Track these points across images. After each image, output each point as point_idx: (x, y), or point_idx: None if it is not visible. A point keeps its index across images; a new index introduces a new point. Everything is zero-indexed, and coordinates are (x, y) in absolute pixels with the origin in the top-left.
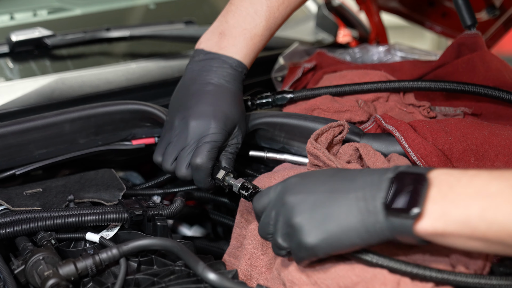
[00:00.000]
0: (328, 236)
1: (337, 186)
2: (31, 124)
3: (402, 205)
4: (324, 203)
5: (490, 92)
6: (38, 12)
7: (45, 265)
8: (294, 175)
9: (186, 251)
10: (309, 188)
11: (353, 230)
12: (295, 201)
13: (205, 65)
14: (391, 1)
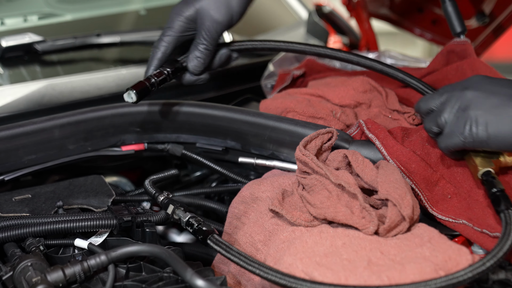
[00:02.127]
0: (498, 132)
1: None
2: (20, 130)
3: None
4: (501, 105)
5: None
6: (28, 17)
7: (33, 271)
8: (478, 75)
9: (175, 257)
10: (491, 88)
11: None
12: (475, 96)
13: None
14: (381, 8)
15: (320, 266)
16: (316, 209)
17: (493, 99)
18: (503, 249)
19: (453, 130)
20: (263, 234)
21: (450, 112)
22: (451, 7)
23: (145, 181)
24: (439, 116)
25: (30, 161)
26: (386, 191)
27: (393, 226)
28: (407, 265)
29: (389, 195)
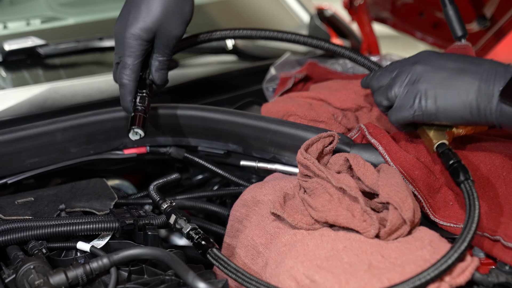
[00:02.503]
0: (446, 105)
1: (465, 66)
2: (23, 133)
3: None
4: (450, 78)
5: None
6: (31, 21)
7: (35, 274)
8: (426, 50)
9: (177, 260)
10: (439, 63)
11: (468, 105)
12: (424, 70)
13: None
14: (382, 12)
15: (321, 269)
16: (317, 212)
17: (442, 73)
18: (474, 220)
19: (403, 103)
20: (265, 237)
21: (400, 86)
22: (452, 11)
23: (149, 186)
24: (389, 90)
25: (33, 164)
26: (387, 194)
27: (394, 229)
28: (407, 268)
29: (390, 199)
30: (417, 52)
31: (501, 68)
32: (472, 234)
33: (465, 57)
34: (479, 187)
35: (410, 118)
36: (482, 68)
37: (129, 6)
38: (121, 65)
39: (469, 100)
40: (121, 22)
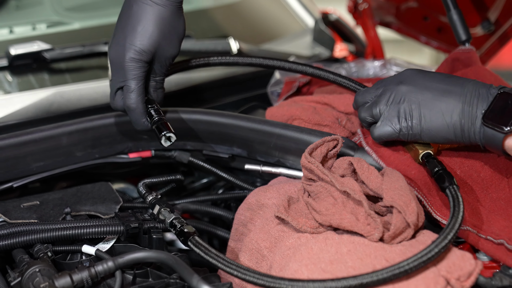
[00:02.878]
0: (430, 126)
1: (449, 87)
2: (28, 137)
3: (498, 120)
4: (434, 99)
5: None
6: (37, 26)
7: (41, 277)
8: (411, 68)
9: (181, 263)
10: (424, 83)
11: (452, 127)
12: (409, 90)
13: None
14: (387, 16)
15: (325, 273)
16: (321, 216)
17: (426, 93)
18: (458, 219)
19: (388, 121)
20: (269, 240)
21: (385, 104)
22: (456, 15)
23: (139, 182)
24: (374, 107)
25: (38, 168)
26: (391, 198)
27: (398, 233)
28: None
29: (394, 202)
30: (402, 71)
31: (483, 90)
32: (454, 233)
33: (449, 77)
34: (481, 189)
35: (394, 136)
36: (465, 90)
37: (123, 30)
38: (126, 89)
39: (452, 122)
40: (117, 47)
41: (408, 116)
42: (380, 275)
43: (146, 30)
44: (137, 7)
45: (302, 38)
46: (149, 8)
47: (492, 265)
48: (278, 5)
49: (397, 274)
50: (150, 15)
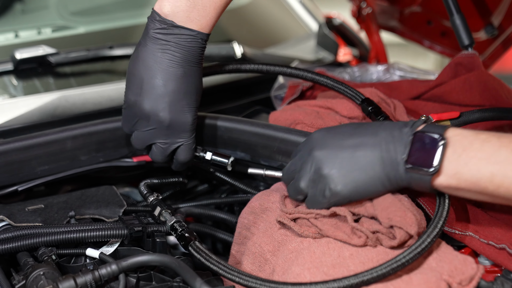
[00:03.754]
0: (356, 185)
1: (362, 140)
2: (33, 141)
3: (420, 163)
4: (351, 157)
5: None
6: (42, 30)
7: (45, 280)
8: (318, 130)
9: (184, 267)
10: (335, 143)
11: (377, 179)
12: (324, 155)
13: (169, 43)
14: (390, 20)
15: (328, 277)
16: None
17: (342, 153)
18: (445, 207)
19: (315, 195)
20: (272, 244)
21: (306, 178)
22: (459, 20)
23: (140, 182)
24: (298, 184)
25: (43, 172)
26: (387, 219)
27: (402, 242)
28: (413, 276)
29: (391, 222)
30: (311, 134)
31: (396, 132)
32: (443, 221)
33: (359, 127)
34: None
35: (326, 207)
36: (379, 138)
37: (177, 93)
38: (186, 146)
39: (377, 175)
40: (175, 111)
41: (332, 182)
42: (379, 270)
43: (199, 89)
44: (186, 70)
45: (306, 42)
46: (196, 68)
47: (493, 270)
48: (282, 9)
49: (395, 268)
50: (199, 75)
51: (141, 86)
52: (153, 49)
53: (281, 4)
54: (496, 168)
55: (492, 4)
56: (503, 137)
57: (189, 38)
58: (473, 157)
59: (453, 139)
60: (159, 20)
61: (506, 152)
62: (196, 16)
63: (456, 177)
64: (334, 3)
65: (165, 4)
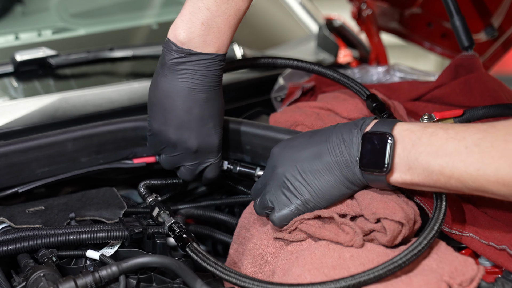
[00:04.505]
0: (321, 192)
1: (317, 148)
2: (34, 143)
3: (373, 164)
4: (310, 166)
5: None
6: (42, 32)
7: (45, 282)
8: (277, 145)
9: (185, 268)
10: (293, 157)
11: (339, 183)
12: (285, 170)
13: (188, 70)
14: (391, 22)
15: (328, 278)
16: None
17: (301, 165)
18: (442, 209)
19: (282, 206)
20: (273, 247)
21: (272, 192)
22: (459, 22)
23: (139, 183)
24: (263, 200)
25: (44, 174)
26: (372, 214)
27: (396, 234)
28: (414, 277)
29: (375, 214)
30: (271, 151)
31: (346, 135)
32: (439, 223)
33: (313, 136)
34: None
35: (295, 216)
36: (331, 144)
37: (201, 120)
38: (214, 165)
39: (338, 179)
40: (202, 135)
41: (297, 193)
42: (376, 271)
43: (222, 109)
44: (208, 95)
45: (306, 43)
46: (217, 90)
47: (494, 271)
48: (282, 11)
49: (392, 269)
50: (220, 95)
51: (164, 115)
52: (173, 79)
53: (281, 5)
54: (445, 160)
55: (492, 5)
56: (450, 129)
57: (208, 63)
58: (422, 152)
59: (401, 135)
60: (175, 49)
61: (453, 144)
62: (212, 39)
63: (410, 172)
64: (334, 5)
65: (179, 32)
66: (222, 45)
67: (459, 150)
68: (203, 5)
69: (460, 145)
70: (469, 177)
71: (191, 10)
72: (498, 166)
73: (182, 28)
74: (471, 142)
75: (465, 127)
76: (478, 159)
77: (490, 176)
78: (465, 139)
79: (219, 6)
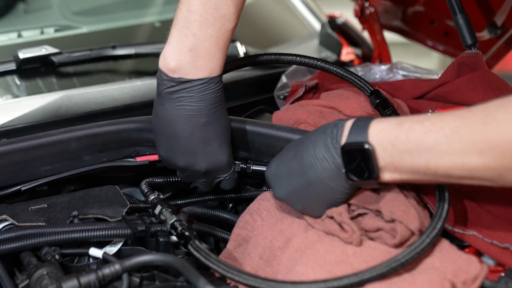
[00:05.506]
0: (324, 204)
1: (303, 165)
2: (37, 141)
3: (358, 175)
4: (306, 187)
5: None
6: (45, 30)
7: (49, 280)
8: (269, 168)
9: (188, 267)
10: (287, 180)
11: (336, 190)
12: (284, 196)
13: (183, 97)
14: (393, 20)
15: (332, 275)
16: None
17: (296, 188)
18: (445, 208)
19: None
20: (281, 240)
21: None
22: (462, 20)
23: (142, 181)
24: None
25: (46, 172)
26: (389, 212)
27: (404, 240)
28: (417, 276)
29: (393, 215)
30: (266, 174)
31: (323, 151)
32: (442, 222)
33: (297, 152)
34: (487, 193)
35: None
36: (315, 159)
37: (208, 141)
38: (229, 178)
39: (333, 188)
40: (212, 155)
41: (306, 212)
42: (379, 269)
43: (227, 126)
44: (208, 119)
45: (308, 41)
46: (218, 111)
47: (497, 269)
48: (285, 9)
49: (395, 267)
50: (223, 115)
51: (168, 143)
52: (170, 107)
53: (284, 3)
54: (427, 155)
55: (495, 3)
56: (426, 121)
57: (201, 88)
58: (404, 151)
59: (378, 137)
60: (167, 79)
61: (432, 136)
62: (203, 63)
63: (397, 171)
64: (337, 3)
65: (169, 61)
66: (214, 68)
67: (439, 141)
68: (188, 32)
69: (439, 135)
70: (455, 166)
71: (177, 38)
72: (480, 150)
73: (171, 57)
74: (449, 130)
75: (441, 116)
76: (460, 147)
77: (475, 162)
78: (443, 128)
79: (205, 30)
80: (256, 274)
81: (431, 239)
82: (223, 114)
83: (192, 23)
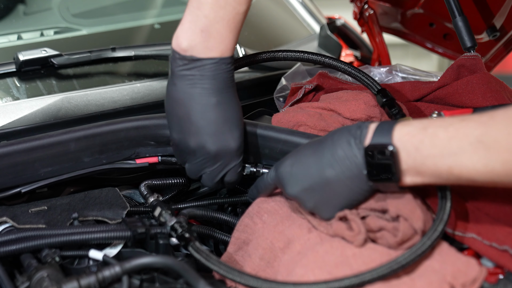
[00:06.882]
0: (341, 205)
1: (324, 162)
2: (36, 143)
3: (380, 176)
4: (324, 185)
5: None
6: (45, 32)
7: (49, 282)
8: (283, 164)
9: (188, 269)
10: (304, 176)
11: (356, 192)
12: (299, 193)
13: (195, 76)
14: (392, 22)
15: (332, 276)
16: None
17: (313, 185)
18: (446, 211)
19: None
20: (283, 240)
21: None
22: (461, 22)
23: (141, 183)
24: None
25: (46, 174)
26: (396, 208)
27: (406, 239)
28: (416, 279)
29: (399, 211)
30: (276, 170)
31: (348, 151)
32: (444, 224)
33: (317, 151)
34: (486, 195)
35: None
36: (336, 157)
37: (215, 124)
38: (234, 169)
39: (353, 189)
40: (220, 141)
41: (320, 213)
42: (380, 271)
43: (238, 112)
44: (219, 99)
45: (308, 43)
46: (229, 93)
47: (496, 271)
48: (284, 11)
49: (395, 269)
50: (234, 98)
51: (180, 124)
52: (182, 86)
53: (283, 5)
54: (451, 160)
55: (494, 6)
56: (450, 127)
57: (213, 67)
58: (428, 156)
59: (402, 141)
60: (179, 57)
61: (457, 143)
62: (214, 44)
63: (420, 175)
64: (336, 5)
65: (181, 41)
66: (226, 49)
67: (463, 149)
68: (201, 13)
69: (463, 143)
70: (478, 173)
71: (190, 18)
72: (504, 159)
73: (183, 37)
74: (474, 138)
75: (464, 123)
76: (485, 155)
77: (499, 170)
78: (467, 136)
79: (217, 12)
80: (257, 275)
81: (432, 241)
82: (234, 97)
83: (204, 5)
